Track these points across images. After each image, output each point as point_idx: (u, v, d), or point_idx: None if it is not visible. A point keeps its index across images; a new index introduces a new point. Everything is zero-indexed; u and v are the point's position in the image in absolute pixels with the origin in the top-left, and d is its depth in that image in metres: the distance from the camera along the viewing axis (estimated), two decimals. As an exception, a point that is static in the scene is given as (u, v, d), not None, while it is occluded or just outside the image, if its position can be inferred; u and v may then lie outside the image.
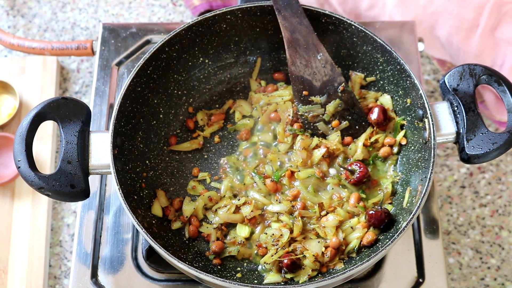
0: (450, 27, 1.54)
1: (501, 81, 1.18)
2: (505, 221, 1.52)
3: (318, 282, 1.07)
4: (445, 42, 1.58)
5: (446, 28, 1.55)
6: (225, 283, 1.05)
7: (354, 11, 1.67)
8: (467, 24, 1.51)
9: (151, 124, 1.31)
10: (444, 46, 1.60)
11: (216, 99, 1.41)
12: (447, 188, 1.55)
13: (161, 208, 1.26)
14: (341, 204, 1.23)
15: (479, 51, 1.52)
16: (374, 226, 1.19)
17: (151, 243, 1.09)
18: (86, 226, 1.32)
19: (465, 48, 1.54)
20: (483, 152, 1.14)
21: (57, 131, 1.59)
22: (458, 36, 1.54)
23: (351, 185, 1.25)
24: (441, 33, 1.57)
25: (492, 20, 1.49)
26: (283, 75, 1.42)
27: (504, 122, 1.60)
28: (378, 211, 1.18)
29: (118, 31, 1.54)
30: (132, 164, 1.24)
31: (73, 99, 1.16)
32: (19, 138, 1.09)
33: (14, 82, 1.62)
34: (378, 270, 1.27)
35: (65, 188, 1.08)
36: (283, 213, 1.22)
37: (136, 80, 1.23)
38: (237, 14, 1.30)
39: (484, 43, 1.51)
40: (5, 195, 1.50)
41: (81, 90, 1.69)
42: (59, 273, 1.45)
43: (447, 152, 1.60)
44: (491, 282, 1.45)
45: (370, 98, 1.32)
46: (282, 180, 1.26)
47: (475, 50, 1.53)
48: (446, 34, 1.55)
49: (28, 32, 1.79)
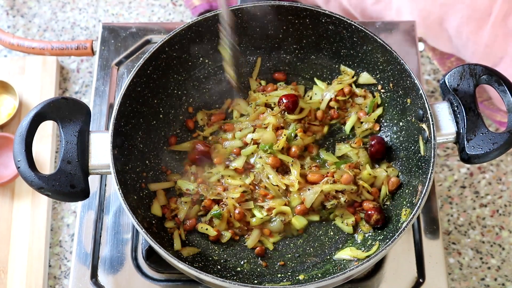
0: (461, 17, 1.52)
1: (501, 81, 1.18)
2: (506, 221, 1.52)
3: (318, 282, 1.07)
4: (454, 34, 1.56)
5: (456, 18, 1.52)
6: (225, 283, 1.05)
7: (360, 4, 1.65)
8: (479, 13, 1.50)
9: (151, 124, 1.31)
10: (452, 39, 1.58)
11: (216, 99, 1.41)
12: (447, 188, 1.55)
13: (161, 207, 1.26)
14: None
15: (491, 41, 1.51)
16: (374, 156, 1.29)
17: (151, 243, 1.08)
18: (86, 226, 1.32)
19: (476, 39, 1.52)
20: (483, 152, 1.14)
21: (57, 131, 1.59)
22: (469, 26, 1.52)
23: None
24: (450, 24, 1.55)
25: (505, 8, 1.47)
26: (283, 75, 1.42)
27: (504, 122, 1.60)
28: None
29: (118, 31, 1.54)
30: (132, 164, 1.24)
31: (73, 99, 1.16)
32: (19, 138, 1.08)
33: (14, 82, 1.62)
34: (378, 270, 1.27)
35: (65, 188, 1.08)
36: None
37: (136, 80, 1.23)
38: (237, 14, 1.30)
39: (496, 32, 1.49)
40: (5, 195, 1.50)
41: (81, 90, 1.69)
42: (59, 273, 1.45)
43: (447, 152, 1.60)
44: (492, 282, 1.45)
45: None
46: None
47: (486, 41, 1.51)
48: (456, 25, 1.53)
49: (28, 32, 1.79)
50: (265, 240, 1.25)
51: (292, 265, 1.24)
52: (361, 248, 1.21)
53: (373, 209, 1.23)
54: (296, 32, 1.35)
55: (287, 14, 1.31)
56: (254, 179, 1.27)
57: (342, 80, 1.36)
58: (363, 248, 1.21)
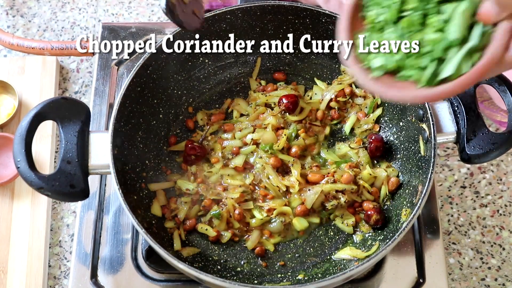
0: None
1: (501, 80, 1.18)
2: (506, 221, 1.52)
3: (318, 282, 1.06)
4: None
5: None
6: (225, 283, 1.05)
7: None
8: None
9: (151, 124, 1.31)
10: None
11: (216, 99, 1.41)
12: (448, 188, 1.55)
13: (160, 207, 1.26)
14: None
15: None
16: (374, 153, 1.29)
17: (151, 243, 1.08)
18: (85, 226, 1.32)
19: None
20: (484, 152, 1.14)
21: (57, 131, 1.58)
22: None
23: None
24: None
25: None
26: (283, 75, 1.42)
27: (505, 122, 1.60)
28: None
29: (118, 31, 1.54)
30: (132, 164, 1.23)
31: (72, 99, 1.16)
32: (18, 138, 1.08)
33: (13, 82, 1.61)
34: (378, 270, 1.27)
35: (64, 188, 1.08)
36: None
37: (136, 80, 1.23)
38: (237, 14, 1.30)
39: None
40: (5, 195, 1.50)
41: (80, 90, 1.69)
42: (58, 273, 1.45)
43: (447, 152, 1.60)
44: (492, 283, 1.45)
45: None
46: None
47: None
48: None
49: (28, 32, 1.79)
50: (265, 242, 1.25)
51: (292, 265, 1.24)
52: (361, 248, 1.21)
53: (372, 209, 1.23)
54: (296, 32, 1.34)
55: (287, 14, 1.31)
56: (254, 179, 1.27)
57: (342, 80, 1.36)
58: (363, 248, 1.21)
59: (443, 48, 0.80)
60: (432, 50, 0.81)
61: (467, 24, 0.79)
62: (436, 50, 0.81)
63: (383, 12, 0.86)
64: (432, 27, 0.81)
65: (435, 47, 0.81)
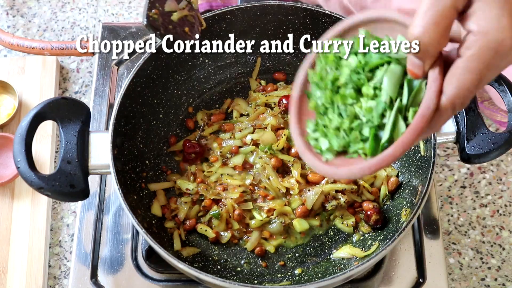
0: None
1: (501, 80, 1.17)
2: (506, 221, 1.52)
3: (318, 282, 1.06)
4: (456, 30, 1.55)
5: None
6: (225, 283, 1.05)
7: (360, 2, 1.64)
8: None
9: (151, 124, 1.31)
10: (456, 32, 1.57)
11: (216, 99, 1.41)
12: (448, 188, 1.55)
13: (160, 207, 1.26)
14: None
15: None
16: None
17: (151, 243, 1.08)
18: (85, 226, 1.32)
19: None
20: (484, 152, 1.14)
21: (57, 131, 1.58)
22: None
23: None
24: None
25: None
26: (283, 75, 1.42)
27: (505, 122, 1.60)
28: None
29: (118, 31, 1.54)
30: (132, 164, 1.24)
31: (72, 99, 1.16)
32: (18, 138, 1.08)
33: (13, 82, 1.61)
34: (378, 270, 1.27)
35: (64, 188, 1.08)
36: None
37: (136, 80, 1.23)
38: (237, 14, 1.30)
39: None
40: (5, 195, 1.50)
41: (80, 90, 1.69)
42: (58, 273, 1.45)
43: (447, 152, 1.60)
44: (492, 283, 1.45)
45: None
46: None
47: None
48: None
49: (28, 32, 1.79)
50: (265, 243, 1.25)
51: (292, 265, 1.24)
52: (361, 248, 1.21)
53: (372, 209, 1.23)
54: (296, 32, 1.34)
55: (287, 14, 1.31)
56: (254, 179, 1.27)
57: None
58: (362, 248, 1.21)
59: (380, 114, 0.78)
60: (371, 119, 0.79)
61: (398, 84, 0.77)
62: (374, 117, 0.78)
63: (322, 94, 0.85)
64: (366, 95, 0.79)
65: (373, 114, 0.78)
